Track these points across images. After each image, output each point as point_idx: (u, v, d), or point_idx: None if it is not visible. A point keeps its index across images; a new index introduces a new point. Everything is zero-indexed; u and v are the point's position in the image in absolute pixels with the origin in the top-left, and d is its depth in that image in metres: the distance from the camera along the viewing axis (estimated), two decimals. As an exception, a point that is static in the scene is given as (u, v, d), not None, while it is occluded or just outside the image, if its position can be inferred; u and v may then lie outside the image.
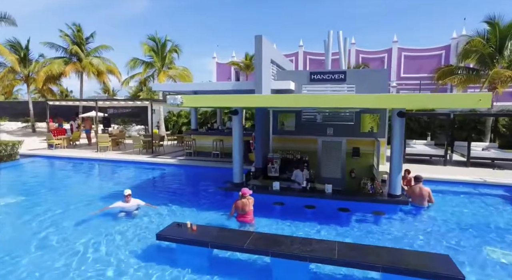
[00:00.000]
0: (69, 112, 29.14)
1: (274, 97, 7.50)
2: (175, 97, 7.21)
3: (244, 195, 6.49)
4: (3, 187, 10.14)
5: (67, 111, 30.29)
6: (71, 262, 5.21)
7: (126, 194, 6.99)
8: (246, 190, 6.53)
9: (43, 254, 5.50)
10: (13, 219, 7.18)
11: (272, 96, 7.95)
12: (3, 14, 19.52)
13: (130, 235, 6.26)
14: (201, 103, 8.07)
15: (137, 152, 15.14)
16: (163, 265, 5.12)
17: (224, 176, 11.30)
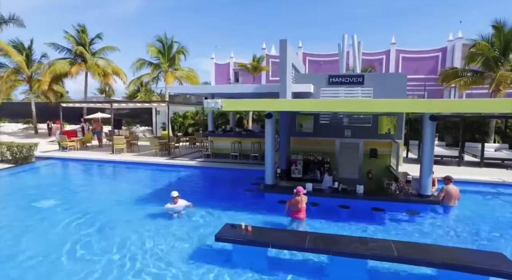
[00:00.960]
0: (72, 113, 29.01)
1: (313, 102, 7.77)
2: (216, 101, 7.43)
3: (299, 193, 6.79)
4: (34, 190, 10.18)
5: (70, 112, 30.10)
6: (132, 264, 5.38)
7: (175, 196, 7.20)
8: (301, 189, 6.83)
9: (99, 256, 5.66)
10: (57, 222, 7.27)
11: (311, 101, 8.22)
12: (11, 15, 19.37)
13: (181, 235, 6.46)
14: (239, 107, 8.30)
15: (153, 153, 15.24)
16: (220, 266, 5.31)
17: (248, 178, 11.56)
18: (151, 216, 7.44)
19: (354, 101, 7.86)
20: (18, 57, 22.16)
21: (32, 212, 7.98)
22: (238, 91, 12.90)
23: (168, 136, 15.45)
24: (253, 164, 12.98)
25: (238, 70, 48.54)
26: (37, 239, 6.35)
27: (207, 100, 7.40)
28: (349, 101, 7.95)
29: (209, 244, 6.05)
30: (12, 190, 10.51)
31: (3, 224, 7.19)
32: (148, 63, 24.53)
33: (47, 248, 5.89)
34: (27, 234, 6.62)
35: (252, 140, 13.71)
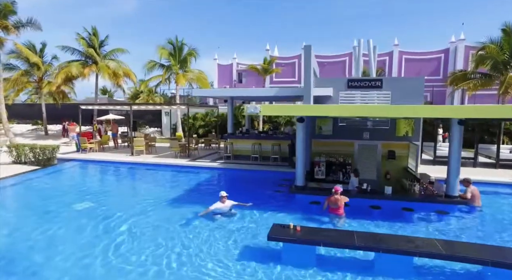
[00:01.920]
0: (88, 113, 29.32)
1: (346, 107, 8.11)
2: (255, 106, 7.77)
3: (337, 191, 7.18)
4: (68, 192, 10.47)
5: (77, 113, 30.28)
6: (188, 262, 5.71)
7: (224, 196, 7.54)
8: (338, 187, 7.25)
9: (154, 255, 5.98)
10: (100, 223, 7.57)
11: (345, 106, 8.56)
12: (29, 19, 19.58)
13: (229, 234, 6.83)
14: (275, 112, 8.63)
15: (172, 155, 15.54)
16: (272, 263, 5.65)
17: (272, 179, 11.92)
18: (194, 217, 7.76)
19: (391, 107, 8.20)
20: (35, 58, 22.37)
21: (72, 214, 8.28)
22: (259, 94, 13.24)
23: (188, 138, 15.74)
24: (273, 165, 13.31)
25: (241, 71, 48.83)
26: (84, 239, 6.66)
27: (247, 105, 7.73)
28: (386, 107, 8.31)
29: (259, 242, 6.40)
30: (47, 192, 10.82)
31: (51, 225, 7.48)
32: (160, 65, 24.79)
33: (95, 247, 6.22)
34: (73, 234, 6.93)
35: (272, 142, 14.05)
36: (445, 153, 14.45)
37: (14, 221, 7.93)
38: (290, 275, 5.35)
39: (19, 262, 5.76)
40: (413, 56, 43.33)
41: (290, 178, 11.98)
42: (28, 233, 7.01)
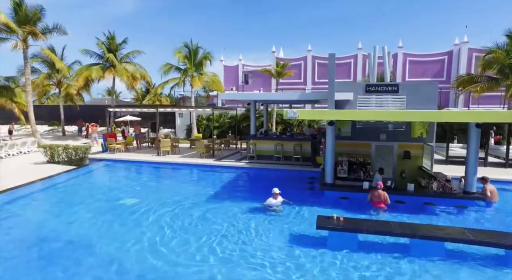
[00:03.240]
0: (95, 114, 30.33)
1: (380, 113, 9.03)
2: (294, 111, 8.69)
3: (380, 186, 8.12)
4: (112, 189, 11.37)
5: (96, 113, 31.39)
6: (254, 250, 6.61)
7: (277, 192, 8.42)
8: (381, 183, 8.15)
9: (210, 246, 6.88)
10: (151, 217, 8.45)
11: (378, 112, 9.39)
12: (55, 24, 20.45)
13: (281, 225, 7.75)
14: (313, 116, 9.55)
15: (196, 155, 16.42)
16: (322, 248, 6.56)
17: (297, 177, 12.85)
18: (242, 210, 8.71)
19: (419, 112, 9.03)
20: (60, 64, 23.30)
21: (124, 208, 9.16)
22: (283, 98, 14.13)
23: (212, 139, 16.62)
24: (297, 165, 14.18)
25: (247, 73, 49.69)
26: (144, 229, 7.56)
27: (287, 110, 8.63)
28: (414, 113, 9.17)
29: (308, 231, 7.34)
30: (93, 189, 11.73)
31: (111, 218, 8.38)
32: (175, 68, 25.66)
33: (156, 237, 7.15)
34: (133, 225, 7.84)
35: (294, 143, 14.94)
36: (457, 153, 15.42)
37: (78, 215, 8.80)
38: (336, 257, 6.25)
39: (96, 248, 6.67)
40: (417, 58, 44.18)
41: (315, 176, 12.93)
42: (95, 224, 7.93)
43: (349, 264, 5.96)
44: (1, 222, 8.26)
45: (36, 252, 6.56)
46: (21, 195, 10.47)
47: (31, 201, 10.34)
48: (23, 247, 6.87)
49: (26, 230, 7.93)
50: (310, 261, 6.10)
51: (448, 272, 5.71)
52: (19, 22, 19.33)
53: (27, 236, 7.51)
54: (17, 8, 19.18)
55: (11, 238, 7.32)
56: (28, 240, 7.25)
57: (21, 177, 12.40)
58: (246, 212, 8.63)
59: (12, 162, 16.50)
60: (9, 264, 6.10)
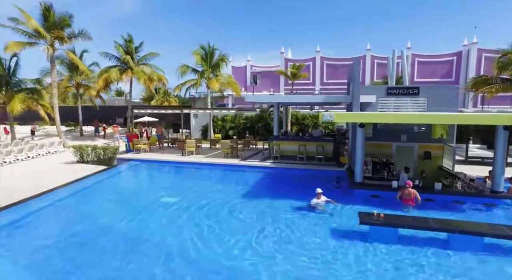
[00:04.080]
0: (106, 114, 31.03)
1: (411, 116, 9.53)
2: (330, 114, 9.20)
3: (410, 185, 8.63)
4: (149, 188, 11.94)
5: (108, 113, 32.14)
6: (296, 240, 7.14)
7: (319, 192, 8.92)
8: (410, 182, 8.64)
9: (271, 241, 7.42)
10: (195, 213, 9.01)
11: (413, 114, 9.86)
12: (80, 30, 21.11)
13: (323, 222, 8.30)
14: (347, 119, 10.07)
15: (219, 155, 16.96)
16: (365, 242, 7.10)
17: (322, 177, 13.35)
18: (287, 209, 9.28)
19: (449, 116, 9.50)
20: (83, 66, 23.97)
21: (167, 206, 9.71)
22: (307, 101, 14.64)
23: (237, 139, 17.15)
24: (321, 165, 14.68)
25: (256, 73, 50.17)
26: (194, 224, 8.12)
27: (323, 113, 9.16)
28: (445, 116, 9.65)
29: (351, 226, 7.87)
30: (131, 188, 12.34)
31: (156, 215, 8.95)
32: (192, 69, 26.23)
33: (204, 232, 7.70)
34: (183, 221, 8.39)
35: (317, 143, 15.45)
36: (476, 154, 15.84)
37: (129, 212, 9.38)
38: (380, 249, 6.79)
39: (150, 242, 7.24)
40: (425, 59, 44.47)
41: (339, 175, 13.43)
42: (144, 220, 8.51)
43: (392, 256, 6.49)
44: (62, 216, 8.89)
45: (105, 243, 7.16)
46: (70, 193, 11.11)
47: (82, 198, 10.92)
48: (92, 238, 7.46)
49: (85, 225, 8.50)
50: (355, 253, 6.64)
51: (489, 265, 6.19)
52: (47, 27, 19.98)
53: (90, 229, 8.09)
54: (46, 14, 19.83)
55: (76, 231, 7.91)
56: (92, 233, 7.83)
57: (63, 176, 13.07)
58: (291, 210, 9.20)
59: (44, 162, 17.15)
60: (81, 250, 6.67)
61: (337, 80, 47.24)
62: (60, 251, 6.88)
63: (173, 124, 24.57)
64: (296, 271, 5.97)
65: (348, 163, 13.66)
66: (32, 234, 7.83)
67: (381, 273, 5.88)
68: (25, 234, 7.87)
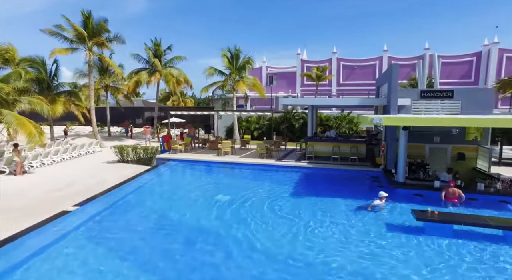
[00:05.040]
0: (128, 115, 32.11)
1: (459, 119, 10.03)
2: (380, 118, 9.78)
3: (453, 184, 9.32)
4: (198, 186, 12.68)
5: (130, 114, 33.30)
6: (364, 235, 7.77)
7: (385, 196, 9.51)
8: (454, 181, 9.20)
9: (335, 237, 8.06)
10: (253, 210, 9.69)
11: (460, 118, 10.33)
12: (115, 34, 22.13)
13: (378, 217, 8.96)
14: (395, 122, 10.64)
15: (255, 155, 17.64)
16: (419, 237, 7.68)
17: (359, 177, 13.92)
18: (339, 206, 9.94)
19: (494, 119, 9.94)
20: (118, 70, 25.04)
21: (223, 204, 10.40)
22: (343, 104, 15.21)
23: (273, 140, 17.81)
24: (356, 165, 15.22)
25: (272, 74, 50.77)
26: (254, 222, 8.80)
27: (373, 116, 9.75)
28: (490, 119, 10.12)
29: (407, 222, 8.45)
30: (182, 187, 13.13)
31: (215, 213, 9.69)
32: (218, 71, 27.00)
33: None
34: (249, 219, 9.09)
35: (350, 144, 16.01)
36: (509, 155, 16.18)
37: (188, 208, 10.16)
38: (436, 243, 7.37)
39: (220, 234, 7.96)
40: (444, 60, 44.31)
41: (375, 175, 13.96)
42: (208, 216, 9.27)
43: (450, 250, 7.05)
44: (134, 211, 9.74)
45: (185, 234, 7.92)
46: (134, 189, 11.99)
47: (144, 195, 11.79)
48: (171, 229, 8.23)
49: (159, 218, 9.28)
50: (413, 247, 7.24)
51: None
52: (87, 33, 21.05)
53: (165, 222, 8.86)
54: (87, 21, 20.89)
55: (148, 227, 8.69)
56: (169, 225, 8.61)
57: (115, 174, 13.97)
58: (345, 207, 9.85)
59: (88, 161, 18.14)
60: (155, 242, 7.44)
61: (353, 81, 47.62)
62: (149, 238, 7.76)
63: (205, 126, 25.38)
64: (363, 262, 6.60)
65: (384, 163, 14.17)
66: (116, 226, 8.68)
67: (451, 266, 6.44)
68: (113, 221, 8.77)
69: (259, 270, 6.30)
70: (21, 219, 8.55)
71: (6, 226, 8.04)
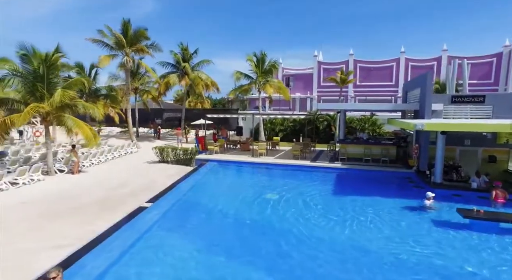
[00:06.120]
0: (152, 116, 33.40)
1: (496, 125, 10.73)
2: (422, 124, 10.60)
3: (499, 185, 10.07)
4: (247, 185, 13.70)
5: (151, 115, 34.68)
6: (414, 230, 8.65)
7: (432, 196, 10.32)
8: (499, 183, 9.94)
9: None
10: (308, 207, 10.64)
11: (496, 124, 11.00)
12: (153, 42, 23.43)
13: (425, 215, 9.88)
14: (437, 128, 11.46)
15: (289, 156, 18.58)
16: (466, 232, 8.51)
17: (392, 177, 14.71)
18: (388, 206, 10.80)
19: None
20: (154, 74, 26.40)
21: (274, 202, 11.35)
22: (376, 108, 16.01)
23: (305, 142, 18.73)
24: (385, 166, 16.01)
25: (288, 76, 51.55)
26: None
27: (416, 122, 10.58)
28: None
29: (454, 220, 9.26)
30: (231, 185, 14.17)
31: (266, 210, 10.67)
32: (245, 75, 28.02)
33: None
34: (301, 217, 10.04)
35: (381, 147, 16.81)
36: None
37: (244, 205, 11.20)
38: (482, 238, 8.18)
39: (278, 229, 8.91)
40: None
41: (408, 176, 14.72)
42: (263, 212, 10.27)
43: (500, 246, 7.87)
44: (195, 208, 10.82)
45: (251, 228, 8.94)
46: (185, 191, 12.91)
47: (198, 193, 12.84)
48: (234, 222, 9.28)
49: (220, 214, 10.31)
50: (461, 241, 8.09)
51: None
52: (127, 41, 22.37)
53: (227, 218, 9.90)
54: (126, 29, 22.18)
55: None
56: (231, 221, 9.66)
57: (160, 174, 15.11)
58: (390, 205, 10.73)
59: (130, 161, 19.36)
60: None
61: (369, 83, 48.02)
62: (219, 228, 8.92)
63: (237, 128, 26.45)
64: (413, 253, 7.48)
65: (417, 165, 14.92)
66: (187, 218, 9.75)
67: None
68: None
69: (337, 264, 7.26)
70: (102, 214, 9.71)
71: (98, 218, 9.23)
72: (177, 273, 6.53)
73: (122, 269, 6.56)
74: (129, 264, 6.81)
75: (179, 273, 6.51)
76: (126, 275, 6.35)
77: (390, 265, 7.01)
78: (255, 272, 6.62)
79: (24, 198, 11.48)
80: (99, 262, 6.62)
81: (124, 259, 7.03)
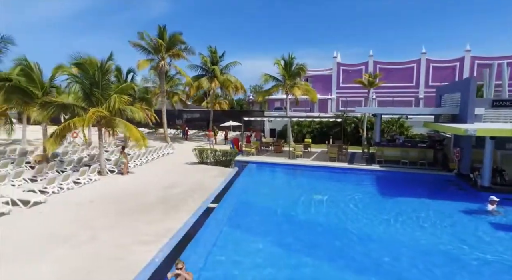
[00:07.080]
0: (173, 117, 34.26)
1: None
2: (474, 129, 10.95)
3: None
4: (292, 187, 14.26)
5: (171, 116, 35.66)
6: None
7: (496, 200, 10.66)
8: None
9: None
10: (349, 208, 11.14)
11: None
12: (187, 46, 24.25)
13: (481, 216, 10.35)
14: (489, 133, 11.78)
15: (322, 158, 19.04)
16: None
17: (432, 180, 15.06)
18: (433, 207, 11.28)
19: None
20: (188, 78, 27.28)
21: (323, 202, 11.89)
22: (414, 112, 16.33)
23: (342, 145, 19.20)
24: (424, 169, 16.31)
25: (307, 77, 51.89)
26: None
27: (467, 127, 10.94)
28: None
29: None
30: (278, 187, 14.79)
31: (324, 210, 11.21)
32: (273, 78, 28.59)
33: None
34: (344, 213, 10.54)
35: (419, 150, 17.13)
36: None
37: (297, 205, 11.75)
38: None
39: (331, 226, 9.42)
40: (485, 61, 43.77)
41: (450, 179, 15.01)
42: (317, 212, 10.83)
43: None
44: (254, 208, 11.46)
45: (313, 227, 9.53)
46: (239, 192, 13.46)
47: (249, 195, 13.49)
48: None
49: (279, 214, 10.90)
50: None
51: None
52: (164, 46, 23.25)
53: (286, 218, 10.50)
54: (162, 34, 23.04)
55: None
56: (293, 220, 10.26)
57: (204, 175, 15.82)
58: (443, 207, 11.17)
59: (168, 162, 20.08)
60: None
61: (388, 84, 47.95)
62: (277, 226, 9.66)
63: (270, 130, 27.09)
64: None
65: (458, 168, 15.20)
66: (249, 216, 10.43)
67: None
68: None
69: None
70: (169, 212, 10.43)
71: (166, 217, 9.95)
72: (258, 262, 7.34)
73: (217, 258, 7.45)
74: (221, 253, 7.71)
75: (260, 262, 7.29)
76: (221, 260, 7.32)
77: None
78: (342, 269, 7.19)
79: (90, 196, 12.26)
80: (199, 254, 7.48)
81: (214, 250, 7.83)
